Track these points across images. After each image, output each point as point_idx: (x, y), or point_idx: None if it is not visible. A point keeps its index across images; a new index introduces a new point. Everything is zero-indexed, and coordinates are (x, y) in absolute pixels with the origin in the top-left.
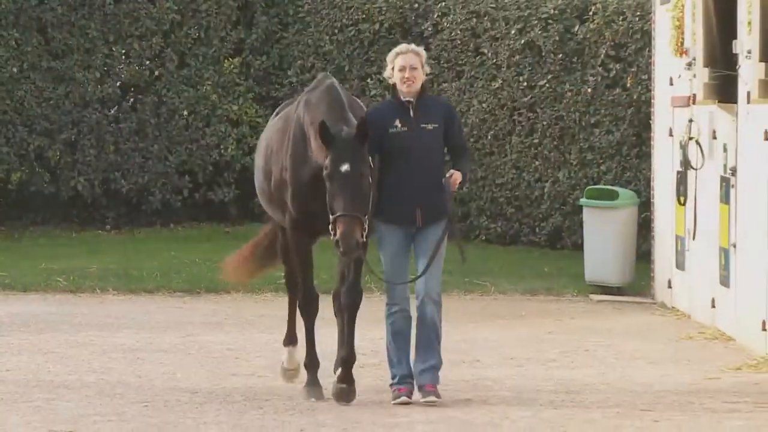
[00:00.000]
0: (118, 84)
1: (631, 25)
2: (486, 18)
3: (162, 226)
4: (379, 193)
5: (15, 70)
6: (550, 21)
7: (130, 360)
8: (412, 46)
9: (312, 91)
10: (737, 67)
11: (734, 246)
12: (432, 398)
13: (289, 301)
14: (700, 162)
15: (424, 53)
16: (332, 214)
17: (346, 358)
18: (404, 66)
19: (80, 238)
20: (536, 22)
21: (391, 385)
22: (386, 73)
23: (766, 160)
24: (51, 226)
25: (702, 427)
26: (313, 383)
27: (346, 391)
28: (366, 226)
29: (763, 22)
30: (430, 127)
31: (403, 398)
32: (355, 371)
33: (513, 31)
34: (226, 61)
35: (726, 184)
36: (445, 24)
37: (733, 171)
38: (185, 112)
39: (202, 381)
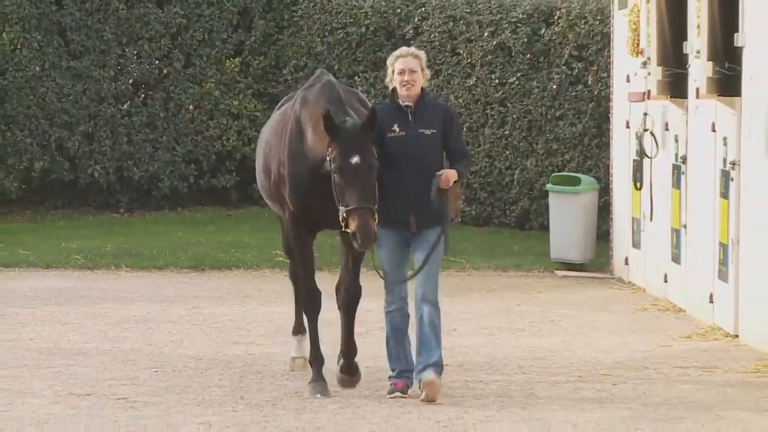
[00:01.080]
0: (130, 81)
1: (592, 28)
2: (461, 22)
3: (170, 210)
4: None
5: (37, 69)
6: (519, 24)
7: (141, 330)
8: (412, 49)
9: (309, 88)
10: (687, 65)
11: (685, 227)
12: (431, 377)
13: (295, 292)
14: (654, 151)
15: (423, 56)
16: (344, 207)
17: (348, 351)
18: (403, 69)
19: (96, 221)
20: (507, 25)
21: (390, 377)
22: (387, 78)
23: (712, 150)
24: (70, 209)
25: (655, 389)
26: (318, 379)
27: (348, 380)
28: (377, 216)
29: (711, 26)
30: (428, 132)
31: (398, 393)
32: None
33: (486, 34)
34: (227, 60)
35: (677, 171)
36: (425, 27)
37: (684, 159)
38: (191, 107)
39: (206, 348)
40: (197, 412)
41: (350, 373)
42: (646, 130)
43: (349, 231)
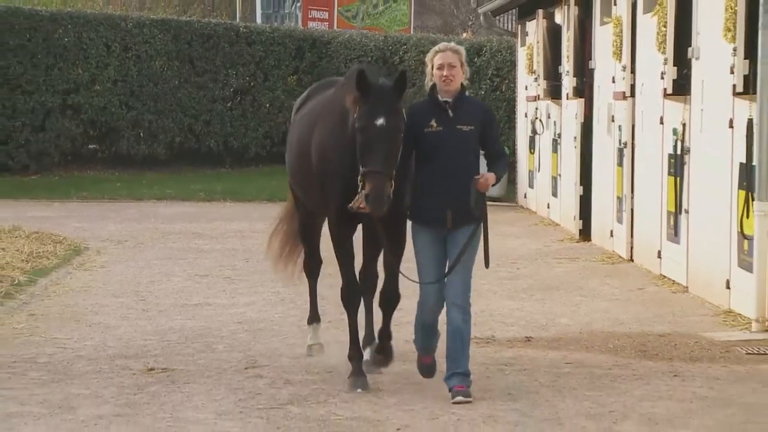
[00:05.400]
0: (231, 90)
1: (505, 58)
2: (425, 53)
3: (255, 166)
4: (413, 192)
5: (176, 82)
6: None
7: (238, 237)
8: (452, 44)
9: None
10: (562, 80)
11: (560, 175)
12: (460, 398)
13: (309, 285)
14: (542, 130)
15: (463, 51)
16: (362, 167)
17: (384, 334)
18: (443, 64)
19: (211, 173)
20: None
21: (414, 342)
22: (426, 78)
23: (575, 130)
24: (195, 166)
25: (542, 272)
26: (358, 374)
27: (382, 359)
28: (394, 183)
29: (575, 56)
30: (466, 128)
31: (428, 371)
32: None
33: None
34: (289, 77)
35: (555, 143)
36: (405, 58)
37: (559, 135)
38: (267, 105)
39: None
40: (272, 286)
41: (386, 353)
42: (537, 118)
43: (362, 193)
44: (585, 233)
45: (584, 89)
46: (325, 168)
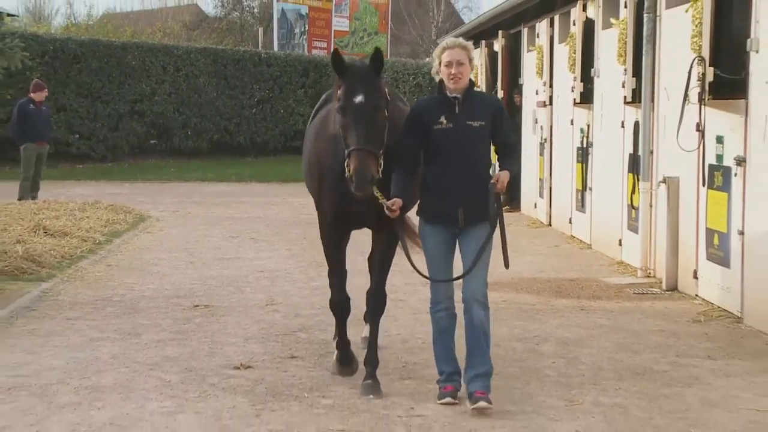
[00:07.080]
0: (255, 99)
1: None
2: (399, 72)
3: (273, 156)
4: (422, 190)
5: (214, 94)
6: (426, 74)
7: (261, 208)
8: (460, 40)
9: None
10: (494, 92)
11: (496, 163)
12: (482, 404)
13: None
14: None
15: (471, 47)
16: (346, 149)
17: (371, 360)
18: (451, 61)
19: (240, 162)
20: (420, 75)
21: (438, 381)
22: (433, 70)
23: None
24: (229, 156)
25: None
26: (346, 363)
27: (371, 386)
28: (381, 162)
29: (509, 74)
30: (476, 124)
31: (448, 399)
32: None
33: (410, 78)
34: (298, 91)
35: None
36: (383, 76)
37: None
38: (282, 111)
39: (288, 215)
40: (285, 244)
41: (373, 379)
42: None
43: (347, 175)
44: (511, 205)
45: (502, 99)
46: (321, 175)
